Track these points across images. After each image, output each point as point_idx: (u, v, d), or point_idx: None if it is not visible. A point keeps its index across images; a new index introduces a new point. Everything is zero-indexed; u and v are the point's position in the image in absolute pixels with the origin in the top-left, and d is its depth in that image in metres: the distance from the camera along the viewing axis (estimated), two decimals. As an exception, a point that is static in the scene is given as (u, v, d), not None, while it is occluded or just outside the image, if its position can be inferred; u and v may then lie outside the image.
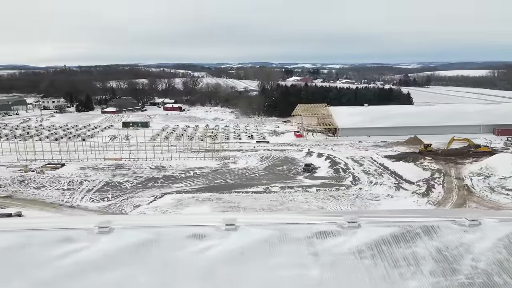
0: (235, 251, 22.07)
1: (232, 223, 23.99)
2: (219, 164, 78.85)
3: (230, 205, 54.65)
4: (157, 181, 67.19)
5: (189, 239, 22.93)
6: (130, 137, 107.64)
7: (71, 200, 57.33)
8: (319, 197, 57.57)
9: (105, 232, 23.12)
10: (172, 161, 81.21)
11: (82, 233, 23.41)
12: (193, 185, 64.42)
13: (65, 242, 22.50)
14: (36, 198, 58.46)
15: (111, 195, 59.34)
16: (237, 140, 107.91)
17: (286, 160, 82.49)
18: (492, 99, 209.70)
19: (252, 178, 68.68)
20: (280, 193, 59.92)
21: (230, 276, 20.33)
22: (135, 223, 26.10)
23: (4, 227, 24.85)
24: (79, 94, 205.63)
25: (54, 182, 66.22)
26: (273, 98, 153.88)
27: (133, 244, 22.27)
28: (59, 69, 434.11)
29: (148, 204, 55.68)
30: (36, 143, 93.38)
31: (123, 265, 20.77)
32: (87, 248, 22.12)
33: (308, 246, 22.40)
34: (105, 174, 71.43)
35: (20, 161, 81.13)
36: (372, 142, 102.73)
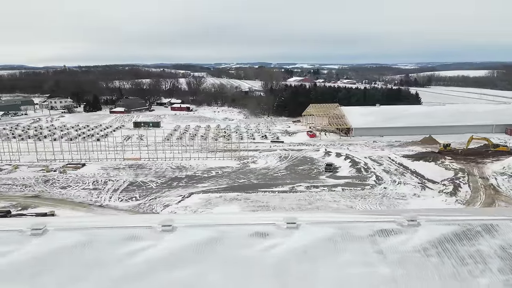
0: (298, 249, 22.34)
1: (293, 221, 24.35)
2: (239, 164, 79.16)
3: (259, 204, 54.93)
4: (181, 180, 67.45)
5: (253, 237, 23.19)
6: (144, 137, 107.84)
7: (99, 200, 57.56)
8: (346, 196, 57.92)
9: (169, 231, 23.44)
10: (191, 161, 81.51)
11: (146, 231, 23.76)
12: (217, 185, 64.70)
13: (132, 240, 22.82)
14: (64, 198, 58.66)
15: (138, 195, 59.61)
16: (251, 140, 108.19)
17: (305, 159, 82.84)
18: (494, 99, 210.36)
19: (275, 178, 69.01)
20: (307, 192, 60.25)
21: (300, 274, 20.60)
22: (197, 222, 26.39)
23: (68, 225, 25.14)
24: (85, 94, 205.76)
25: (79, 182, 66.42)
26: (282, 98, 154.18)
27: (197, 242, 22.52)
28: (59, 69, 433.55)
29: (177, 203, 55.94)
30: (51, 143, 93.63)
31: (191, 263, 21.03)
32: (154, 246, 22.42)
33: (372, 244, 22.66)
34: (128, 174, 71.65)
35: (39, 161, 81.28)
36: (386, 142, 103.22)
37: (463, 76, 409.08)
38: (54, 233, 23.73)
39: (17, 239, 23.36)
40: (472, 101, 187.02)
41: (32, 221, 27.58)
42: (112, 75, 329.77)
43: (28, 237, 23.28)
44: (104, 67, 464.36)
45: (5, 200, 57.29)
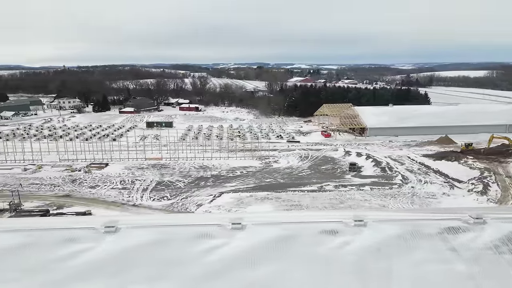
0: (372, 247, 22.76)
1: (361, 219, 24.76)
2: (261, 163, 79.52)
3: (291, 203, 55.33)
4: (207, 180, 67.77)
5: (324, 235, 23.56)
6: (159, 137, 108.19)
7: (131, 199, 57.85)
8: (376, 195, 58.38)
9: (239, 229, 23.79)
10: (213, 160, 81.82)
11: (218, 229, 24.11)
12: (245, 184, 65.06)
13: (206, 238, 23.17)
14: (96, 197, 58.93)
15: (169, 194, 59.91)
16: (267, 140, 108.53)
17: (326, 159, 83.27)
18: (497, 99, 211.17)
19: (301, 177, 69.41)
20: (335, 191, 60.67)
21: (377, 271, 20.97)
22: (265, 220, 26.71)
23: (139, 223, 25.45)
24: (92, 94, 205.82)
25: (106, 182, 66.67)
26: (293, 98, 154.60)
27: (270, 240, 22.89)
28: (59, 69, 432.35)
29: (210, 202, 56.29)
30: (68, 143, 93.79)
31: (269, 261, 21.38)
32: (227, 244, 22.76)
33: (443, 241, 23.11)
34: (153, 173, 71.92)
35: (61, 160, 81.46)
36: (402, 141, 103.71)
37: (464, 77, 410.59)
38: (127, 231, 24.11)
39: (92, 236, 23.75)
40: (475, 101, 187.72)
41: (104, 218, 27.90)
42: (113, 75, 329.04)
43: (102, 235, 23.65)
44: (103, 67, 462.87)
45: (38, 199, 57.52)
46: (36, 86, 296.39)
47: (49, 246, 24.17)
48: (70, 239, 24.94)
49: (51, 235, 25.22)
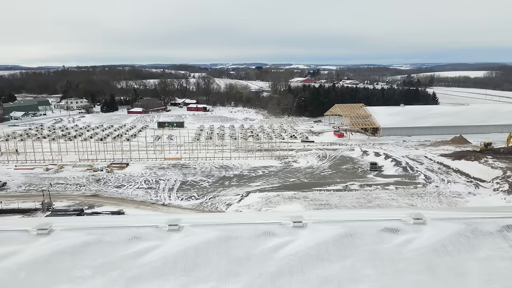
0: (435, 244, 23.16)
1: (419, 217, 25.17)
2: (281, 163, 79.86)
3: (320, 203, 55.68)
4: (231, 180, 68.08)
5: (385, 233, 23.98)
6: (173, 137, 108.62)
7: (159, 199, 58.12)
8: (402, 195, 58.79)
9: (300, 227, 24.19)
10: (232, 160, 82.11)
11: (278, 227, 24.46)
12: (270, 184, 65.39)
13: (269, 236, 23.54)
14: (124, 197, 59.19)
15: (196, 194, 60.21)
16: (280, 140, 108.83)
17: (344, 159, 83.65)
18: (500, 99, 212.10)
19: (324, 177, 69.77)
20: (361, 191, 61.07)
21: (446, 267, 21.39)
22: (325, 218, 27.12)
23: (200, 222, 25.81)
24: (98, 95, 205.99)
25: (130, 181, 66.92)
26: (303, 98, 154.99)
27: (333, 237, 23.27)
28: (59, 69, 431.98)
29: (238, 202, 56.63)
30: (83, 143, 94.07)
31: (335, 257, 21.76)
32: (292, 241, 23.13)
33: (504, 239, 23.54)
34: (175, 173, 72.18)
35: (81, 160, 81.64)
36: (416, 141, 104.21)
37: (464, 77, 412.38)
38: (191, 229, 24.44)
39: (157, 234, 24.10)
40: (478, 101, 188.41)
41: (166, 217, 28.18)
42: (114, 75, 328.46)
43: (166, 233, 24.02)
44: (103, 67, 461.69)
45: (67, 199, 57.76)
46: (40, 86, 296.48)
47: (115, 244, 24.46)
48: (136, 237, 25.26)
49: (116, 233, 25.51)
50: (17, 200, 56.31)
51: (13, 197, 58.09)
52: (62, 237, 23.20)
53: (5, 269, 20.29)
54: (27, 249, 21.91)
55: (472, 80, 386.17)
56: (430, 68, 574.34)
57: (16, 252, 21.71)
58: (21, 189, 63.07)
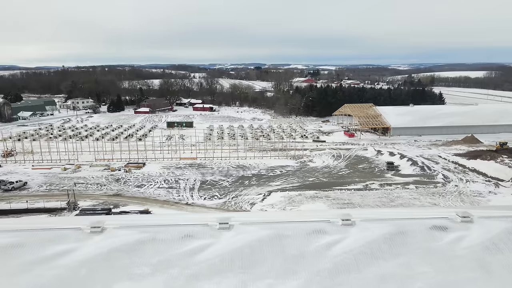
0: (485, 242, 23.47)
1: (467, 215, 25.49)
2: (297, 163, 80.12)
3: (343, 202, 55.96)
4: (250, 179, 68.30)
5: (433, 231, 24.29)
6: (185, 136, 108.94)
7: (182, 198, 58.32)
8: (423, 194, 59.10)
9: (349, 225, 24.49)
10: (247, 160, 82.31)
11: (328, 225, 24.76)
12: (290, 183, 65.65)
13: (319, 234, 23.83)
14: (146, 196, 59.38)
15: (218, 193, 60.43)
16: (292, 140, 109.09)
17: (359, 158, 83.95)
18: (502, 99, 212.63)
19: (342, 176, 70.06)
20: (382, 190, 61.38)
21: (498, 265, 21.70)
22: (373, 217, 27.40)
23: (250, 220, 26.08)
24: (103, 95, 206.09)
25: (150, 181, 67.10)
26: (310, 98, 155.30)
27: (384, 235, 23.55)
28: (59, 69, 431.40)
29: (261, 201, 56.88)
30: (95, 143, 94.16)
31: (389, 255, 22.04)
32: (343, 239, 23.42)
33: None
34: (193, 173, 72.36)
35: (97, 160, 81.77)
36: (428, 141, 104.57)
37: (465, 77, 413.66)
38: (241, 227, 24.71)
39: (209, 232, 24.36)
40: (480, 101, 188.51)
41: (215, 215, 28.40)
42: (115, 75, 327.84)
43: (218, 231, 24.31)
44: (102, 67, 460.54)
45: (90, 198, 57.94)
46: (43, 86, 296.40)
47: (169, 242, 24.73)
48: (189, 235, 25.57)
49: (168, 231, 25.81)
50: (40, 199, 56.50)
51: (36, 197, 58.27)
52: (116, 235, 23.47)
53: (65, 267, 20.57)
54: (83, 246, 22.18)
55: (473, 80, 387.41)
56: (429, 68, 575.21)
57: (73, 249, 21.98)
58: (42, 188, 63.22)
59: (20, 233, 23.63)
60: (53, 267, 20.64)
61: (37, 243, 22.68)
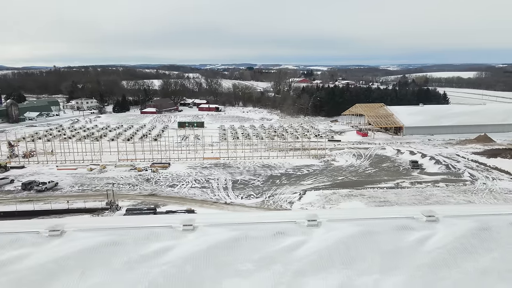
0: None
1: None
2: (321, 162, 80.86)
3: (379, 200, 56.85)
4: (280, 178, 68.81)
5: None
6: (200, 137, 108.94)
7: (219, 198, 58.59)
8: (455, 192, 60.27)
9: (434, 221, 25.08)
10: (270, 159, 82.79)
11: (412, 221, 25.48)
12: (321, 182, 66.35)
13: (405, 230, 24.50)
14: (183, 196, 59.53)
15: (254, 193, 60.83)
16: (307, 139, 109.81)
17: (380, 157, 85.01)
18: (497, 99, 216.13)
19: (370, 175, 70.99)
20: (413, 188, 62.42)
21: None
22: (455, 213, 28.03)
23: (339, 217, 26.59)
24: (107, 95, 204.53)
25: (180, 181, 67.20)
26: (318, 98, 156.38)
27: (470, 232, 24.15)
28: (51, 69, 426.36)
29: (299, 200, 57.49)
30: (110, 144, 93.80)
31: (483, 250, 22.72)
32: (432, 235, 24.12)
33: None
34: (221, 172, 72.62)
35: (120, 160, 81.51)
36: (441, 140, 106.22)
37: (457, 77, 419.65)
38: (330, 224, 25.24)
39: (301, 230, 24.84)
40: (475, 101, 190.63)
41: (304, 212, 28.82)
42: (108, 75, 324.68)
43: (308, 228, 24.81)
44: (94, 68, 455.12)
45: (127, 198, 57.88)
46: (40, 86, 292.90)
47: (263, 239, 25.27)
48: (280, 232, 26.12)
49: (260, 228, 26.37)
50: (76, 199, 56.31)
51: (72, 197, 58.02)
52: (208, 233, 23.87)
53: (170, 263, 20.90)
54: (181, 244, 22.50)
55: (465, 81, 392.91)
56: (420, 69, 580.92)
57: (173, 246, 22.28)
58: (75, 189, 62.94)
59: (115, 231, 23.95)
60: (158, 264, 20.97)
61: (134, 241, 23.00)
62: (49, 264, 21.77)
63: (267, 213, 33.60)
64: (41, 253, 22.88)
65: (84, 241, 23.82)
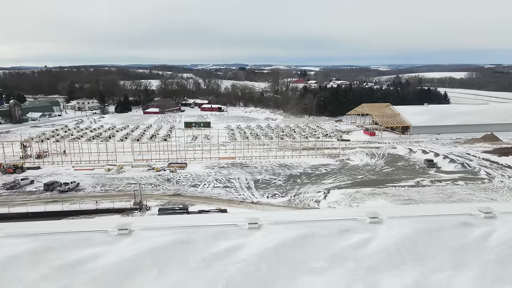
0: None
1: None
2: (336, 161, 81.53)
3: (404, 198, 57.64)
4: (300, 177, 69.29)
5: None
6: (209, 137, 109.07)
7: (244, 197, 58.83)
8: (475, 190, 61.36)
9: (491, 217, 25.78)
10: (285, 159, 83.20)
11: (471, 218, 26.17)
12: (342, 181, 66.97)
13: (466, 226, 25.12)
14: (208, 196, 59.62)
15: (278, 192, 61.19)
16: (315, 139, 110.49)
17: (394, 156, 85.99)
18: (491, 100, 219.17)
19: (388, 174, 71.85)
20: (434, 186, 63.37)
21: None
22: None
23: (400, 214, 27.09)
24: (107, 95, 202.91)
25: (202, 180, 67.24)
26: (322, 98, 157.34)
27: None
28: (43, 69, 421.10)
29: (324, 198, 58.00)
30: (121, 144, 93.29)
31: None
32: (493, 231, 24.77)
33: None
34: (240, 172, 72.79)
35: (136, 160, 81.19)
36: (448, 139, 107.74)
37: (450, 78, 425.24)
38: (390, 221, 25.79)
39: (365, 227, 25.34)
40: (469, 101, 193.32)
41: (368, 210, 29.22)
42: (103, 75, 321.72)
43: (372, 226, 25.28)
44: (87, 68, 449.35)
45: (153, 198, 57.78)
46: (34, 86, 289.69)
47: (329, 236, 25.75)
48: (346, 229, 26.64)
49: (326, 226, 26.85)
50: (101, 199, 56.06)
51: (97, 197, 57.75)
52: (274, 231, 24.29)
53: (244, 261, 21.25)
54: (250, 242, 22.89)
55: (458, 81, 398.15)
56: (410, 69, 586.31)
57: (242, 244, 22.63)
58: (97, 189, 62.62)
59: (182, 230, 24.21)
60: (232, 262, 21.28)
61: (204, 239, 23.28)
62: (124, 263, 21.89)
63: (327, 211, 33.94)
64: (113, 252, 23.00)
65: (154, 239, 24.01)
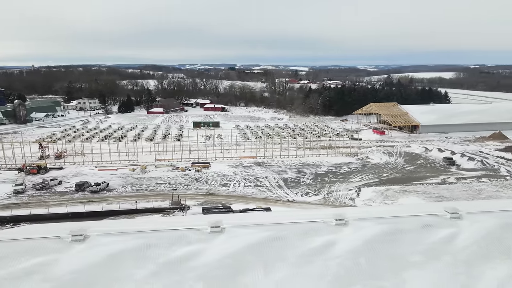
0: None
1: None
2: (357, 160, 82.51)
3: (435, 195, 58.86)
4: (327, 176, 70.05)
5: None
6: (222, 136, 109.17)
7: (279, 196, 59.27)
8: (501, 187, 62.98)
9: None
10: (305, 157, 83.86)
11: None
12: (369, 179, 67.91)
13: None
14: (242, 195, 59.85)
15: (310, 190, 61.79)
16: (328, 138, 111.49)
17: (411, 155, 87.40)
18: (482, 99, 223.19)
19: (411, 172, 73.07)
20: (460, 184, 64.77)
21: None
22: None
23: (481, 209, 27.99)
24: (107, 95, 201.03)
25: (230, 180, 67.43)
26: (327, 98, 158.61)
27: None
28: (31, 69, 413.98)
29: (358, 196, 58.83)
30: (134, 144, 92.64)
31: None
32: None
33: None
34: (265, 171, 73.14)
35: (157, 160, 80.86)
36: (458, 137, 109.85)
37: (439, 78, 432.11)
38: (470, 216, 26.61)
39: (446, 222, 26.23)
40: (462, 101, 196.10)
41: (444, 205, 29.92)
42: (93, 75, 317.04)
43: (451, 221, 26.19)
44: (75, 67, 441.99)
45: (188, 198, 57.73)
46: (27, 86, 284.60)
47: (410, 232, 26.50)
48: (428, 225, 27.41)
49: (407, 221, 27.55)
50: (137, 199, 55.84)
51: (131, 197, 57.53)
52: (361, 227, 25.10)
53: (342, 257, 21.90)
54: (340, 238, 23.68)
55: (447, 81, 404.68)
56: (398, 69, 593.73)
57: (333, 241, 23.36)
58: (128, 189, 62.26)
59: (271, 227, 24.90)
60: (331, 257, 21.93)
61: (294, 236, 23.90)
62: (225, 260, 22.31)
63: (405, 207, 34.58)
64: (211, 249, 23.42)
65: (246, 237, 24.49)
